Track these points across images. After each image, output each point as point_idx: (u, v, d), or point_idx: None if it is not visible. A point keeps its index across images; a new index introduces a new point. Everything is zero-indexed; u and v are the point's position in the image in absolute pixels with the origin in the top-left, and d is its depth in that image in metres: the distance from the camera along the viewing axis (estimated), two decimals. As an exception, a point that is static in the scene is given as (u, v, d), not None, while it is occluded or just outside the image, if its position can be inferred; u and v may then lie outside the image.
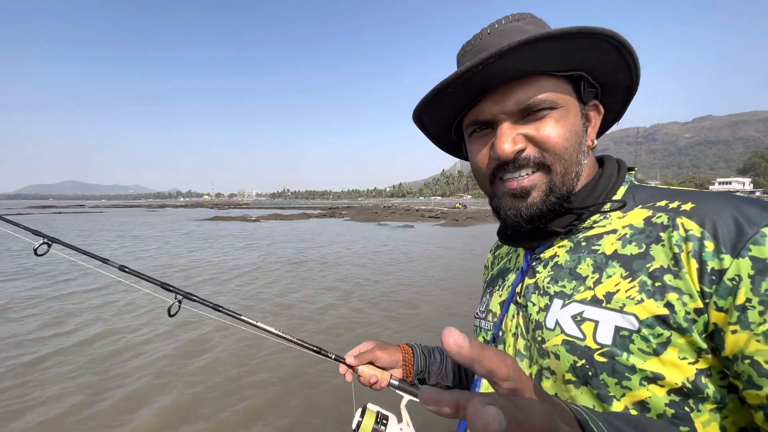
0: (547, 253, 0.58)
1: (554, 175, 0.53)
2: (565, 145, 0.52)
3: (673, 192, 0.52)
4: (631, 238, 0.50)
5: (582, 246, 0.54)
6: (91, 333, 4.81)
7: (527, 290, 0.58)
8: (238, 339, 4.69)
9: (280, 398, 3.44)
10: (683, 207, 0.48)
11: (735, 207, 0.44)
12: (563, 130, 0.52)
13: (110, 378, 3.67)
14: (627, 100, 0.61)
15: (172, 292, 0.83)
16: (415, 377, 0.89)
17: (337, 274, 8.57)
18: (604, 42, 0.50)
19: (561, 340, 0.50)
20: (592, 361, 0.47)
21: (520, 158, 0.53)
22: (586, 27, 0.47)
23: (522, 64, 0.50)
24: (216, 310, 0.86)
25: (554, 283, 0.54)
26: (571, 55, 0.51)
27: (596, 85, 0.56)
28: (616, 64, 0.53)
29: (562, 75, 0.53)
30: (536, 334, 0.54)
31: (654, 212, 0.50)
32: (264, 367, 4.00)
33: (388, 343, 0.90)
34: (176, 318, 0.85)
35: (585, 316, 0.49)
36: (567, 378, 0.50)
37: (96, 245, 13.70)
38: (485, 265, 0.83)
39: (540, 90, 0.51)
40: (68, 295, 6.55)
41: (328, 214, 34.30)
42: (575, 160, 0.54)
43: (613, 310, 0.47)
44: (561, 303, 0.52)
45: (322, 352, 0.87)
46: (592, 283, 0.50)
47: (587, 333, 0.48)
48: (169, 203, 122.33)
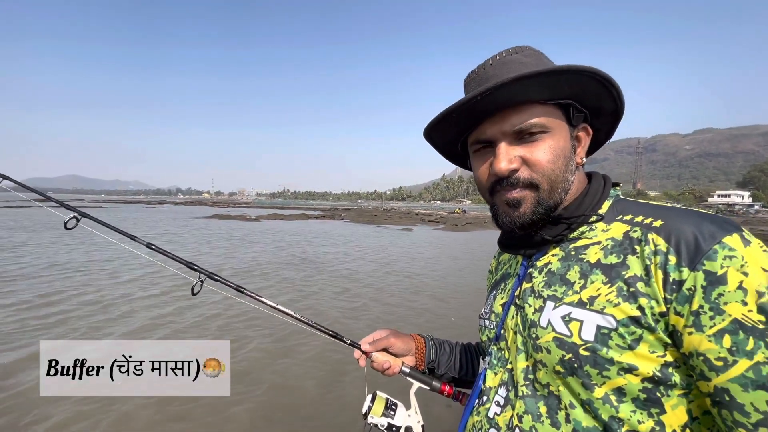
0: (541, 261, 0.65)
1: (542, 192, 0.61)
2: (552, 167, 0.61)
3: (650, 208, 0.60)
4: (611, 249, 0.58)
5: (572, 255, 0.62)
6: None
7: (525, 293, 0.66)
8: (250, 318, 4.76)
9: (294, 381, 3.62)
10: (654, 224, 0.55)
11: (696, 225, 0.52)
12: (552, 153, 0.60)
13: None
14: (615, 121, 0.69)
15: (197, 272, 0.87)
16: (426, 366, 0.93)
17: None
18: (584, 76, 0.58)
19: (552, 337, 0.58)
20: (577, 354, 0.55)
21: (512, 177, 0.61)
22: (565, 66, 0.56)
23: (515, 95, 0.59)
24: (239, 291, 0.90)
25: (548, 288, 0.62)
26: (557, 87, 0.59)
27: (584, 111, 0.64)
28: (599, 92, 0.62)
29: (552, 103, 0.61)
30: (531, 332, 0.62)
31: (631, 227, 0.58)
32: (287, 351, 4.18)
33: (402, 332, 0.94)
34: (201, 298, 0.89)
35: (572, 317, 0.57)
36: (557, 369, 0.58)
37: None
38: (489, 270, 0.89)
39: (532, 115, 0.60)
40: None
41: (327, 216, 34.28)
42: (562, 178, 0.62)
43: (596, 311, 0.55)
44: (553, 305, 0.60)
45: (338, 337, 0.92)
46: (578, 288, 0.58)
47: (574, 331, 0.56)
48: (169, 200, 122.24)
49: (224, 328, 4.94)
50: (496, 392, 0.68)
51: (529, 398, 0.61)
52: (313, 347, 4.34)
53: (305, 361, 4.06)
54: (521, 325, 0.65)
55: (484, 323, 0.78)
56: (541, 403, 0.60)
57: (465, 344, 1.01)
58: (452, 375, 0.95)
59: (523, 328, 0.64)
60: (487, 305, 0.79)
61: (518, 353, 0.64)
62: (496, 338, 0.71)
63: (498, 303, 0.74)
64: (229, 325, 5.05)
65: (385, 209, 50.49)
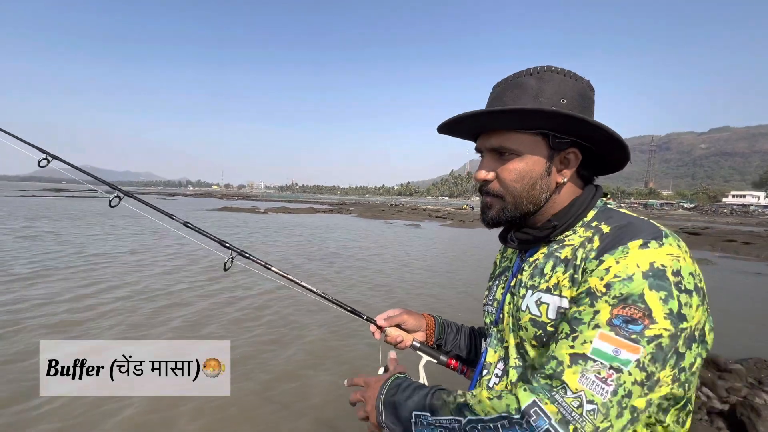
0: (532, 258, 0.76)
1: (506, 203, 0.74)
2: (515, 186, 0.72)
3: (619, 217, 0.68)
4: (577, 248, 0.68)
5: (552, 254, 0.73)
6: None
7: (517, 284, 0.77)
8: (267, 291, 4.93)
9: (316, 350, 4.14)
10: (605, 230, 0.66)
11: (627, 233, 0.63)
12: (516, 174, 0.72)
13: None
14: (618, 147, 0.72)
15: (229, 249, 0.94)
16: (435, 342, 1.01)
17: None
18: (540, 114, 0.67)
19: (528, 318, 0.71)
20: (545, 330, 0.68)
21: (486, 186, 0.75)
22: (528, 108, 0.66)
23: (495, 123, 0.72)
24: (266, 268, 0.97)
25: (531, 279, 0.74)
26: (527, 122, 0.69)
27: (567, 138, 0.71)
28: (575, 126, 0.68)
29: (531, 132, 0.71)
30: (517, 315, 0.75)
31: (593, 232, 0.68)
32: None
33: (414, 311, 1.01)
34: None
35: (542, 301, 0.69)
36: (533, 344, 0.71)
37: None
38: (494, 262, 0.98)
39: (506, 140, 0.72)
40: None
41: (335, 210, 34.42)
42: (526, 195, 0.73)
43: (557, 295, 0.67)
44: (531, 292, 0.72)
45: (355, 312, 0.98)
46: (548, 278, 0.70)
47: (543, 312, 0.69)
48: (179, 192, 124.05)
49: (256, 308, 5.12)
50: (495, 366, 0.80)
51: (519, 368, 0.75)
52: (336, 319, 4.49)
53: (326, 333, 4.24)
54: (513, 310, 0.77)
55: (487, 309, 0.89)
56: (529, 372, 0.72)
57: (470, 327, 1.08)
58: (457, 353, 1.03)
59: (514, 312, 0.76)
60: (491, 293, 0.89)
61: (510, 332, 0.77)
62: (495, 321, 0.83)
63: (499, 291, 0.86)
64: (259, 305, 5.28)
65: (392, 204, 50.54)
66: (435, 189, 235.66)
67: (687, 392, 0.61)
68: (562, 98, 0.69)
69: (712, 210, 70.27)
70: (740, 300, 7.07)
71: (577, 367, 0.56)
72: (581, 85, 0.72)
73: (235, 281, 6.72)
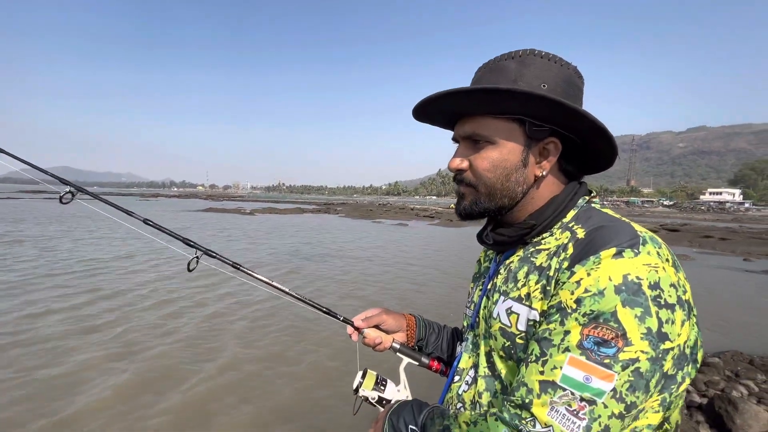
0: (508, 260, 0.72)
1: (480, 194, 0.69)
2: (489, 176, 0.68)
3: (598, 219, 0.63)
4: (552, 254, 0.63)
5: (527, 258, 0.67)
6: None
7: (492, 287, 0.73)
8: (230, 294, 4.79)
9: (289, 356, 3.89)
10: (579, 234, 0.61)
11: (602, 238, 0.57)
12: (490, 163, 0.67)
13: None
14: (603, 137, 0.64)
15: (193, 248, 0.89)
16: (416, 344, 0.97)
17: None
18: (510, 95, 0.61)
19: (498, 327, 0.67)
20: (514, 343, 0.64)
21: (459, 176, 0.71)
22: (502, 87, 0.60)
23: (466, 106, 0.68)
24: (235, 268, 0.92)
25: (504, 284, 0.70)
26: (503, 105, 0.64)
27: (545, 126, 0.65)
28: (556, 112, 0.62)
29: (505, 117, 0.65)
30: (489, 322, 0.71)
31: (569, 237, 0.62)
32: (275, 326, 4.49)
33: (393, 310, 0.97)
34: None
35: (512, 310, 0.65)
36: (501, 354, 0.67)
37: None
38: (478, 261, 0.93)
39: (479, 126, 0.67)
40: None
41: (323, 210, 34.13)
42: (501, 186, 0.68)
43: (528, 306, 0.62)
44: (503, 299, 0.68)
45: (331, 313, 0.94)
46: (521, 285, 0.65)
47: (512, 322, 0.65)
48: (163, 192, 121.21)
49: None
50: (467, 373, 0.76)
51: (488, 378, 0.70)
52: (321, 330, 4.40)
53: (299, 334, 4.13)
54: (486, 315, 0.73)
55: (465, 311, 0.85)
56: (497, 382, 0.68)
57: (453, 328, 1.04)
58: (438, 354, 0.98)
59: (487, 318, 0.72)
60: (470, 295, 0.86)
61: (483, 339, 0.74)
62: (472, 325, 0.79)
63: (476, 294, 0.82)
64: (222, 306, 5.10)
65: (380, 204, 50.47)
66: (423, 188, 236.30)
67: (667, 413, 0.58)
68: (543, 83, 0.63)
69: (691, 207, 72.33)
70: (717, 294, 7.26)
71: (546, 396, 0.51)
72: (567, 71, 0.65)
73: (205, 285, 6.33)
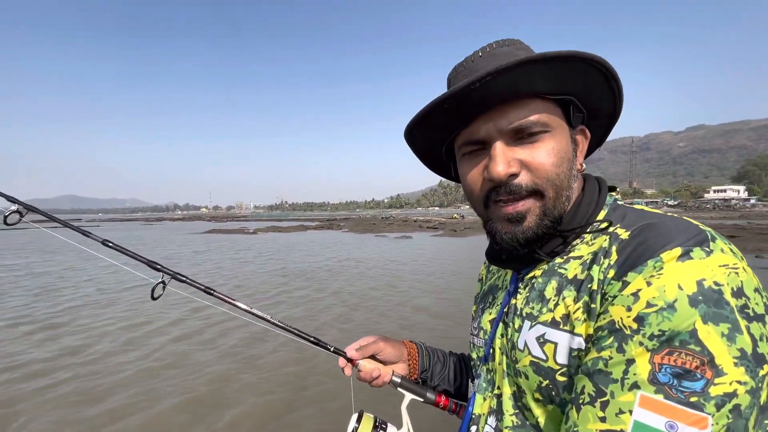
0: (529, 275, 0.58)
1: (547, 200, 0.53)
2: (556, 171, 0.52)
3: (637, 216, 0.51)
4: (589, 263, 0.50)
5: (554, 270, 0.54)
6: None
7: (511, 310, 0.59)
8: (213, 322, 4.63)
9: (272, 398, 3.43)
10: (623, 235, 0.48)
11: (655, 237, 0.45)
12: (555, 156, 0.52)
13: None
14: (609, 126, 0.62)
15: (160, 272, 0.79)
16: (419, 376, 0.84)
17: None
18: (593, 68, 0.50)
19: (528, 361, 0.52)
20: (554, 381, 0.49)
21: (512, 184, 0.52)
22: (578, 52, 0.47)
23: (517, 85, 0.50)
24: (208, 293, 0.82)
25: (527, 305, 0.56)
26: (562, 79, 0.51)
27: (583, 111, 0.57)
28: (602, 90, 0.54)
29: (552, 99, 0.53)
30: (512, 354, 0.56)
31: (609, 239, 0.50)
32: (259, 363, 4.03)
33: (392, 338, 0.86)
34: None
35: (547, 338, 0.51)
36: (536, 397, 0.52)
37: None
38: (479, 278, 0.81)
39: (532, 111, 0.51)
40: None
41: (326, 226, 34.09)
42: (566, 185, 0.54)
43: (568, 331, 0.48)
44: (529, 324, 0.54)
45: (320, 344, 0.82)
46: (552, 305, 0.52)
47: (549, 354, 0.50)
48: (167, 216, 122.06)
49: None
50: (485, 421, 0.60)
51: (517, 429, 0.54)
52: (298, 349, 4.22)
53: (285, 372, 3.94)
54: (507, 346, 0.58)
55: (473, 340, 0.71)
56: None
57: (458, 354, 0.92)
58: (445, 387, 0.86)
59: (508, 350, 0.57)
60: (476, 320, 0.71)
61: (505, 377, 0.58)
62: (485, 358, 0.64)
63: (486, 319, 0.67)
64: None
65: (383, 217, 50.43)
66: (425, 200, 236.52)
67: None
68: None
69: (696, 206, 71.80)
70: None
71: None
72: None
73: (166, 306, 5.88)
